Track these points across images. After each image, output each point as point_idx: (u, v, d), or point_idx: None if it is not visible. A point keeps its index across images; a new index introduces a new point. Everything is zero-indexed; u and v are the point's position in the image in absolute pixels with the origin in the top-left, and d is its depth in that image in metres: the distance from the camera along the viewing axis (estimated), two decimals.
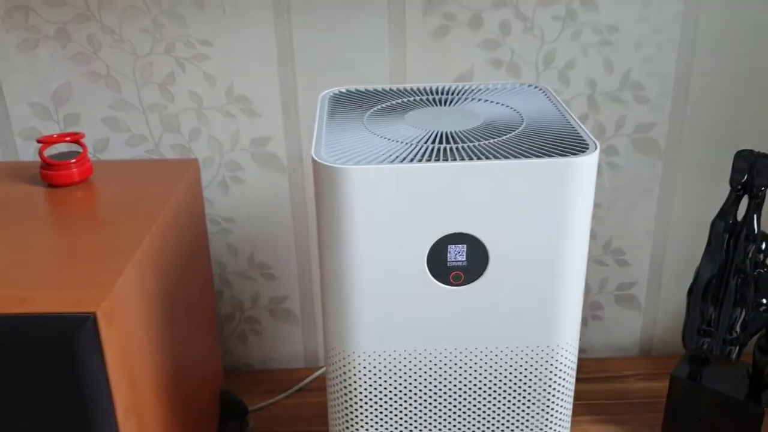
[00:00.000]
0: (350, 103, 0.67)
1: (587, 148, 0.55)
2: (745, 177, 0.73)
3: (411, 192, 0.54)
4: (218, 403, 0.95)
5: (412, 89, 0.70)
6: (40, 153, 0.77)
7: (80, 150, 0.79)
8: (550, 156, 0.54)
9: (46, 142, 0.77)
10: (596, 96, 0.94)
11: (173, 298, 0.74)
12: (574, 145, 0.56)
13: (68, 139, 0.78)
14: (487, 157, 0.54)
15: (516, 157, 0.54)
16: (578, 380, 1.04)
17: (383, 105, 0.66)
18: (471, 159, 0.54)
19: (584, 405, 1.00)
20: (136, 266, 0.63)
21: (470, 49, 0.92)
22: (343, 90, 0.71)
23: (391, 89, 0.70)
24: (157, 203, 0.73)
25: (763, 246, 0.77)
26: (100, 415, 0.58)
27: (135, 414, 0.62)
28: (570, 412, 0.64)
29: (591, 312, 1.08)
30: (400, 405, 0.62)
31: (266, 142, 0.95)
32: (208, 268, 0.91)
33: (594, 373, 1.06)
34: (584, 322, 1.09)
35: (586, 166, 0.54)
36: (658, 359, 1.08)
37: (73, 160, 0.77)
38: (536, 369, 0.61)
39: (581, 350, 1.11)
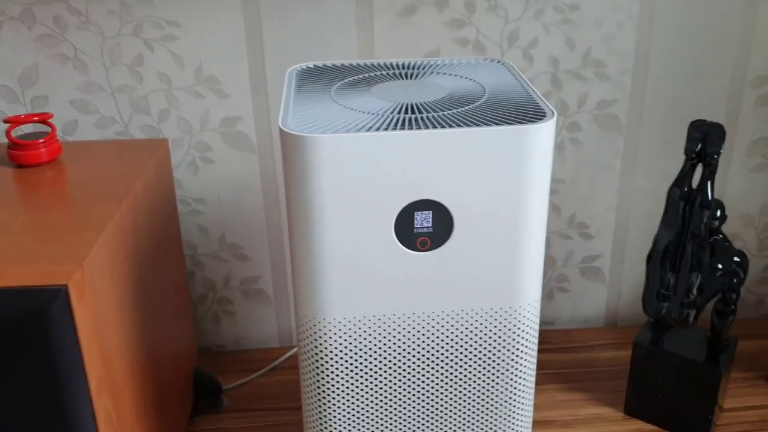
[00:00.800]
0: (318, 78, 0.68)
1: (545, 116, 0.57)
2: (699, 146, 0.76)
3: (377, 160, 0.56)
4: (192, 382, 0.96)
5: (379, 64, 0.71)
6: (8, 133, 0.77)
7: (48, 130, 0.79)
8: (510, 124, 0.56)
9: (13, 122, 0.77)
10: (559, 74, 0.97)
11: (145, 276, 0.75)
12: (533, 114, 0.58)
13: (36, 119, 0.78)
14: (451, 126, 0.56)
15: (478, 125, 0.56)
16: (545, 350, 1.08)
17: (350, 79, 0.68)
18: (435, 127, 0.56)
19: (551, 374, 1.03)
20: (107, 241, 0.64)
21: (437, 28, 0.93)
22: (311, 65, 0.72)
23: (358, 64, 0.72)
24: (128, 181, 0.74)
25: (718, 213, 0.80)
26: (73, 388, 0.59)
27: (108, 388, 0.63)
28: (534, 372, 0.66)
29: (557, 284, 1.11)
30: (371, 370, 0.63)
31: (236, 122, 0.96)
32: (180, 249, 0.92)
33: (561, 344, 1.09)
34: (551, 294, 1.12)
35: (544, 133, 0.56)
36: (623, 329, 1.12)
37: (41, 140, 0.77)
38: (501, 330, 0.63)
39: (548, 322, 1.14)
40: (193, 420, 0.95)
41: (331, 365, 0.63)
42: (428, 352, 0.63)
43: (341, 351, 0.63)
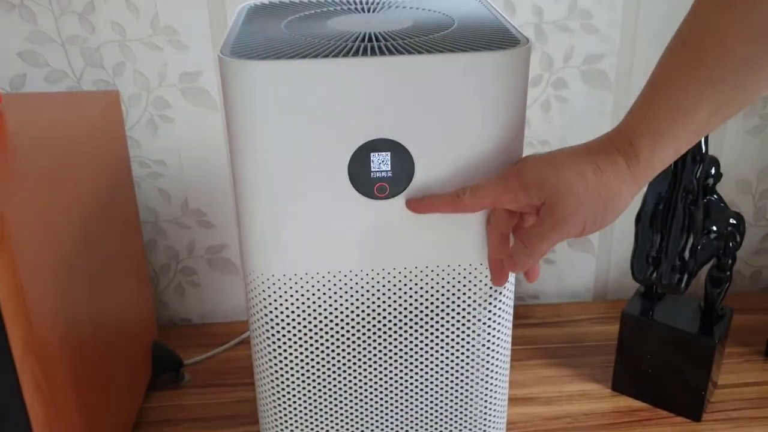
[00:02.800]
0: (271, 13, 0.62)
1: (518, 43, 0.51)
2: None
3: (328, 92, 0.49)
4: (150, 356, 0.89)
5: (341, 0, 0.65)
6: None
7: None
8: (479, 50, 0.49)
9: None
10: (543, 25, 0.90)
11: (90, 235, 0.69)
12: (505, 41, 0.51)
13: None
14: (413, 53, 0.49)
15: (443, 52, 0.49)
16: (531, 325, 1.01)
17: (305, 12, 0.61)
18: (395, 54, 0.49)
19: (537, 349, 0.96)
20: (39, 187, 0.58)
21: None
22: (266, 1, 0.65)
23: (318, 1, 0.65)
24: (70, 129, 0.68)
25: (713, 171, 0.74)
26: None
27: (35, 352, 0.57)
28: (509, 335, 0.60)
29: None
30: (327, 333, 0.57)
31: (196, 76, 0.89)
32: (134, 212, 0.85)
33: (546, 318, 1.03)
34: None
35: (516, 60, 0.50)
36: (613, 303, 1.06)
37: None
38: (471, 290, 0.56)
39: (533, 296, 1.08)
40: (150, 395, 0.89)
41: (283, 327, 0.57)
42: (390, 313, 0.57)
43: (293, 312, 0.56)
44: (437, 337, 0.58)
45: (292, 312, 0.56)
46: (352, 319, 0.57)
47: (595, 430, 0.83)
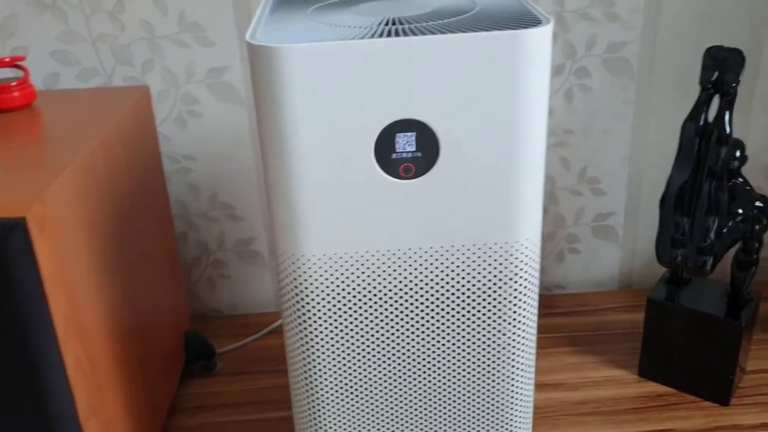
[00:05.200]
0: (296, 2, 0.63)
1: (540, 23, 0.52)
2: (715, 75, 0.70)
3: (354, 74, 0.50)
4: (183, 345, 0.91)
5: None
6: None
7: (21, 74, 0.75)
8: (501, 30, 0.50)
9: None
10: (565, 13, 0.91)
11: (124, 224, 0.71)
12: (527, 22, 0.52)
13: (7, 60, 0.74)
14: (435, 34, 0.50)
15: (464, 32, 0.50)
16: (556, 314, 1.02)
17: (331, 1, 0.62)
18: (418, 36, 0.50)
19: (562, 337, 0.97)
20: (76, 176, 0.60)
21: None
22: None
23: None
24: (103, 123, 0.70)
25: (737, 153, 0.74)
26: (37, 325, 0.55)
27: (77, 332, 0.59)
28: (535, 317, 0.61)
29: (567, 245, 1.05)
30: (356, 312, 0.58)
31: (223, 72, 0.91)
32: (165, 203, 0.87)
33: (572, 307, 1.03)
34: (561, 256, 1.06)
35: (538, 40, 0.51)
36: (638, 292, 1.06)
37: (13, 83, 0.73)
38: (496, 268, 0.57)
39: (559, 286, 1.08)
40: (184, 382, 0.91)
41: (314, 306, 0.58)
42: (417, 292, 0.58)
43: (324, 291, 0.58)
44: (464, 315, 0.59)
45: (322, 291, 0.58)
46: (380, 298, 0.58)
47: (621, 414, 0.83)
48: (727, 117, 0.70)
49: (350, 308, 0.58)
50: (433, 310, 0.59)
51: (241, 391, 0.89)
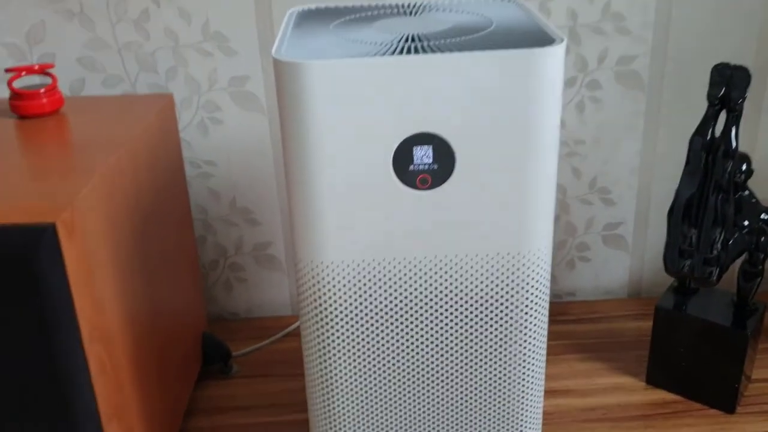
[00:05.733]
0: (318, 17, 0.66)
1: (553, 42, 0.54)
2: (722, 90, 0.72)
3: (374, 89, 0.53)
4: (200, 347, 0.94)
5: (383, 4, 0.68)
6: (9, 83, 0.76)
7: (50, 81, 0.78)
8: (516, 48, 0.53)
9: (14, 71, 0.76)
10: (577, 28, 0.93)
11: (147, 229, 0.73)
12: (541, 40, 0.54)
13: (36, 68, 0.77)
14: (453, 51, 0.53)
15: (480, 50, 0.53)
16: (566, 322, 1.04)
17: (351, 17, 0.65)
18: (436, 53, 0.53)
19: (571, 344, 0.99)
20: (103, 183, 0.63)
21: None
22: (312, 7, 0.69)
23: (361, 5, 0.69)
24: (129, 130, 0.72)
25: (744, 167, 0.76)
26: (63, 328, 0.57)
27: (101, 335, 0.62)
28: (546, 325, 0.63)
29: (578, 253, 1.07)
30: (373, 318, 0.61)
31: (244, 81, 0.94)
32: (187, 209, 0.90)
33: (583, 315, 1.05)
34: (572, 264, 1.08)
35: (551, 58, 0.53)
36: (647, 300, 1.07)
37: (42, 90, 0.76)
38: (508, 277, 0.59)
39: (569, 293, 1.10)
40: (201, 384, 0.93)
41: (332, 311, 0.60)
42: (432, 300, 0.60)
43: (342, 297, 0.60)
44: (477, 322, 0.61)
45: (340, 298, 0.60)
46: (396, 305, 0.60)
47: (629, 421, 0.85)
48: (733, 132, 0.72)
49: (367, 314, 0.61)
50: (447, 317, 0.61)
51: (257, 394, 0.92)
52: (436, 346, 0.62)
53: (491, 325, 0.61)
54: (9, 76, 0.75)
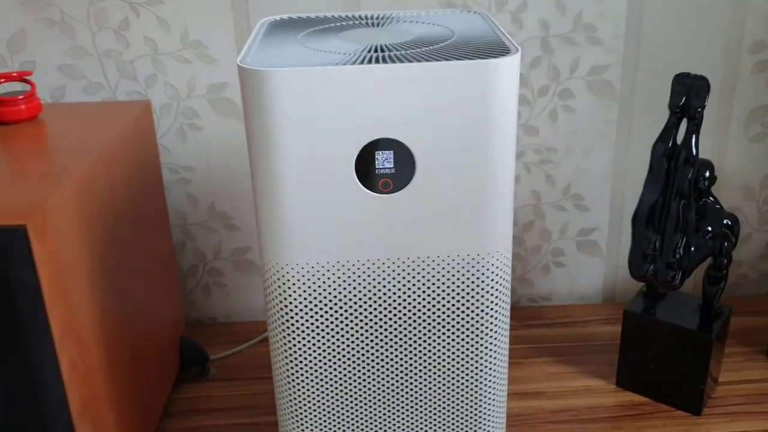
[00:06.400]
0: (287, 27, 0.67)
1: (509, 52, 0.56)
2: (683, 99, 0.74)
3: (336, 96, 0.55)
4: (178, 350, 0.95)
5: (352, 15, 0.70)
6: None
7: (29, 88, 0.79)
8: (472, 59, 0.55)
9: None
10: (549, 38, 0.95)
11: (122, 233, 0.75)
12: (498, 51, 0.56)
13: (15, 75, 0.78)
14: (412, 62, 0.55)
15: (438, 60, 0.55)
16: (540, 326, 1.06)
17: (319, 27, 0.67)
18: (396, 63, 0.54)
19: (544, 348, 1.01)
20: (75, 186, 0.64)
21: None
22: (284, 17, 0.71)
23: (332, 16, 0.71)
24: (104, 136, 0.74)
25: (707, 174, 0.78)
26: (34, 328, 0.59)
27: (73, 336, 0.63)
28: (507, 328, 0.65)
29: (553, 259, 1.09)
30: (338, 319, 0.62)
31: (223, 88, 0.96)
32: (164, 212, 0.91)
33: (557, 319, 1.07)
34: (547, 269, 1.10)
35: (507, 68, 0.55)
36: (621, 305, 1.09)
37: (20, 96, 0.77)
38: (469, 278, 0.61)
39: (544, 297, 1.12)
40: (178, 387, 0.94)
41: (298, 313, 0.62)
42: (395, 301, 0.62)
43: (307, 299, 0.61)
44: (439, 323, 0.63)
45: (305, 299, 0.61)
46: (360, 306, 0.62)
47: (597, 422, 0.87)
48: (694, 139, 0.74)
49: (332, 315, 0.62)
50: (409, 317, 0.62)
51: (233, 396, 0.93)
52: (400, 346, 0.63)
53: (453, 326, 0.63)
54: None
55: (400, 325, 0.63)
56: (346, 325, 0.62)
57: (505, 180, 0.59)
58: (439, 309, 0.62)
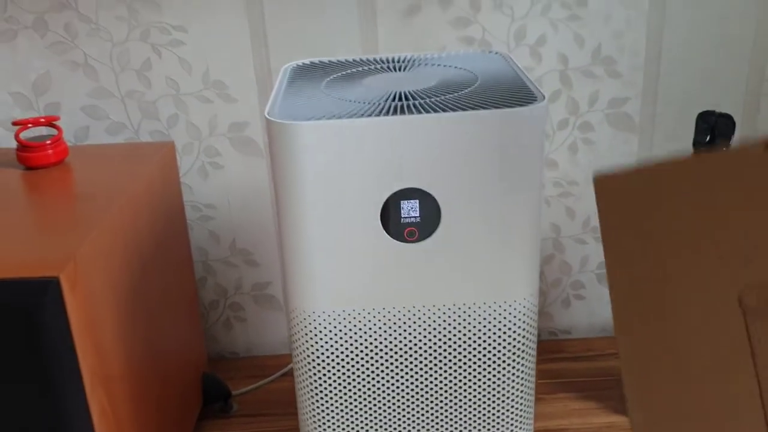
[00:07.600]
0: (311, 73, 0.68)
1: (535, 100, 0.56)
2: (708, 137, 0.74)
3: (362, 147, 0.55)
4: (201, 386, 0.95)
5: (374, 59, 0.71)
6: (16, 135, 0.78)
7: (55, 132, 0.80)
8: (498, 107, 0.55)
9: (21, 124, 0.78)
10: (568, 72, 0.95)
11: (147, 275, 0.75)
12: (524, 98, 0.57)
13: (43, 120, 0.79)
14: (437, 111, 0.55)
15: (465, 109, 0.55)
16: (562, 360, 1.05)
17: (342, 73, 0.67)
18: (421, 113, 0.55)
19: (566, 383, 1.00)
20: (104, 235, 0.65)
21: (442, 27, 0.93)
22: (307, 62, 0.72)
23: (353, 60, 0.71)
24: (130, 180, 0.75)
25: None
26: (66, 379, 0.59)
27: (102, 383, 0.63)
28: (533, 372, 0.64)
29: (573, 291, 1.08)
30: (363, 365, 0.62)
31: (244, 127, 0.96)
32: (188, 252, 0.92)
33: (578, 353, 1.06)
34: (567, 302, 1.09)
35: (533, 116, 0.55)
36: None
37: (48, 141, 0.79)
38: (495, 326, 0.61)
39: (565, 331, 1.11)
40: (201, 424, 0.95)
41: (324, 359, 0.62)
42: (420, 348, 0.62)
43: (333, 345, 0.62)
44: (465, 369, 0.63)
45: (332, 346, 0.61)
46: (388, 353, 0.62)
47: None
48: None
49: (357, 360, 0.62)
50: (435, 364, 0.62)
51: None
52: (425, 390, 0.63)
53: (478, 372, 0.63)
54: (16, 127, 0.78)
55: (425, 371, 0.63)
56: (372, 371, 0.63)
57: (531, 226, 0.59)
58: (464, 356, 0.62)
